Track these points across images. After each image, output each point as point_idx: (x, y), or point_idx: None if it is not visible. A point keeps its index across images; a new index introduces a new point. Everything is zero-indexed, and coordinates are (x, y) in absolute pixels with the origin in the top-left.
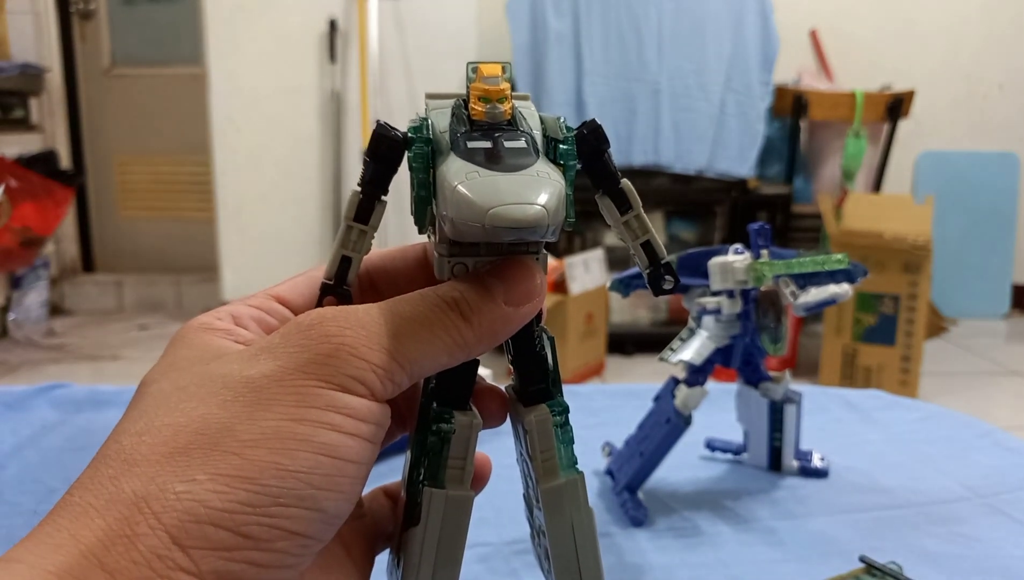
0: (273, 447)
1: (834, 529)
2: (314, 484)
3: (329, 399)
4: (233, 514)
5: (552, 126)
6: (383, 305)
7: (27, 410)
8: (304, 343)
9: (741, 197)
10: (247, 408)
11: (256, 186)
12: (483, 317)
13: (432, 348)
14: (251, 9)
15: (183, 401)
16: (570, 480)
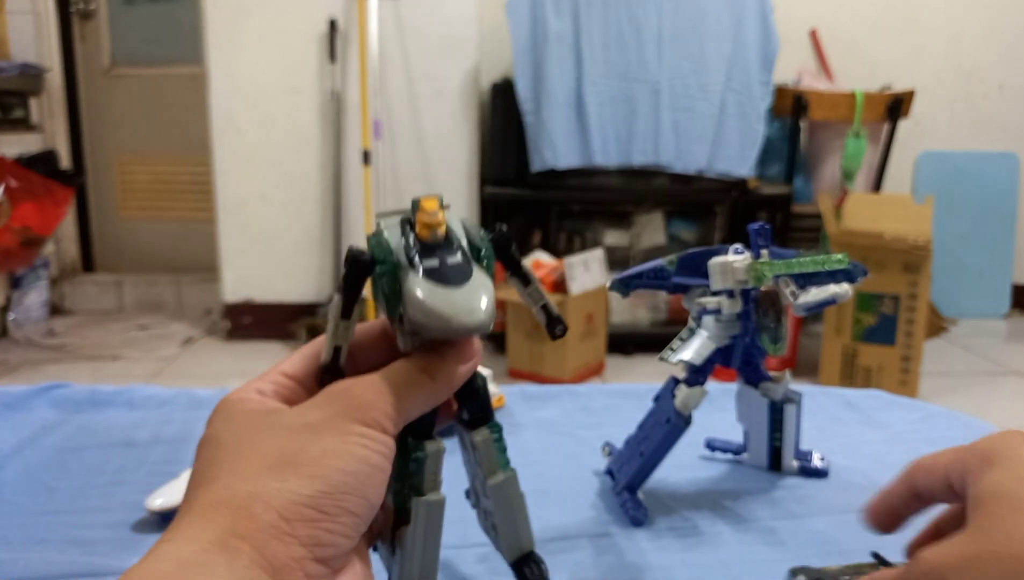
0: (334, 458)
1: (834, 529)
2: (361, 480)
3: (361, 430)
4: (315, 498)
5: (473, 233)
6: (382, 374)
7: (27, 410)
8: (340, 399)
9: (741, 197)
10: (312, 438)
11: (256, 186)
12: (444, 375)
13: (416, 401)
14: (251, 9)
15: (262, 439)
16: (508, 476)
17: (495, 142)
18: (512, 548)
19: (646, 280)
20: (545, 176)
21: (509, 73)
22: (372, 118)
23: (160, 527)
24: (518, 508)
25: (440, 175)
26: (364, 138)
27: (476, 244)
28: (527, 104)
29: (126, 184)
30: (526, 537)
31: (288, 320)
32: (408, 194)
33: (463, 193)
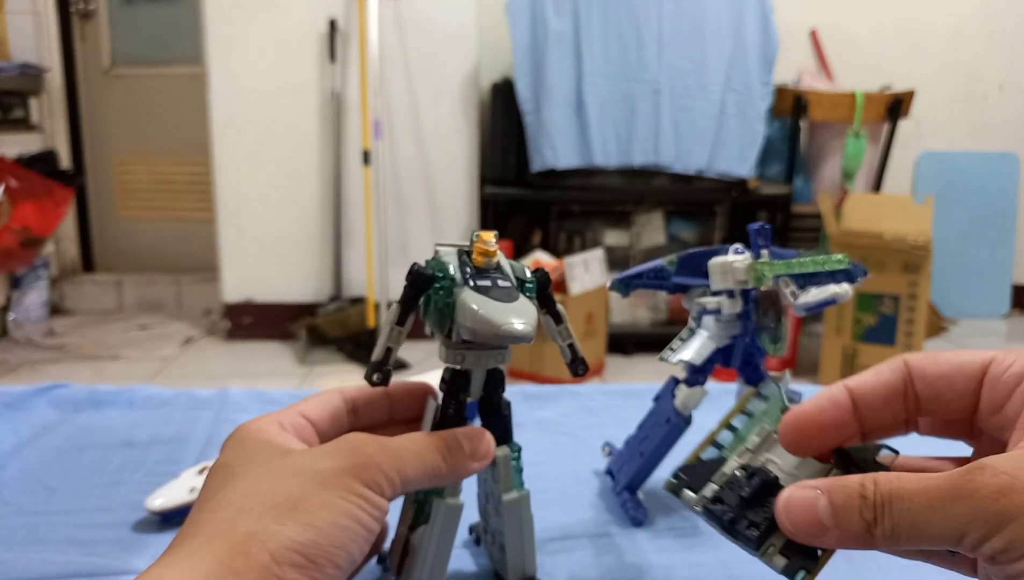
0: (331, 512)
1: None
2: (350, 538)
3: (362, 491)
4: (307, 547)
5: (518, 270)
6: (400, 442)
7: (27, 410)
8: (352, 454)
9: (741, 197)
10: (316, 487)
11: (256, 186)
12: (455, 462)
13: (421, 474)
14: (251, 9)
15: (275, 478)
16: (522, 495)
17: (495, 142)
18: (515, 570)
19: (646, 280)
20: (545, 176)
21: (509, 73)
22: (372, 118)
23: (160, 527)
24: (527, 530)
25: (440, 175)
26: (364, 138)
27: (521, 277)
28: (527, 104)
29: (126, 184)
30: (530, 561)
31: (288, 320)
32: (408, 194)
33: (463, 193)
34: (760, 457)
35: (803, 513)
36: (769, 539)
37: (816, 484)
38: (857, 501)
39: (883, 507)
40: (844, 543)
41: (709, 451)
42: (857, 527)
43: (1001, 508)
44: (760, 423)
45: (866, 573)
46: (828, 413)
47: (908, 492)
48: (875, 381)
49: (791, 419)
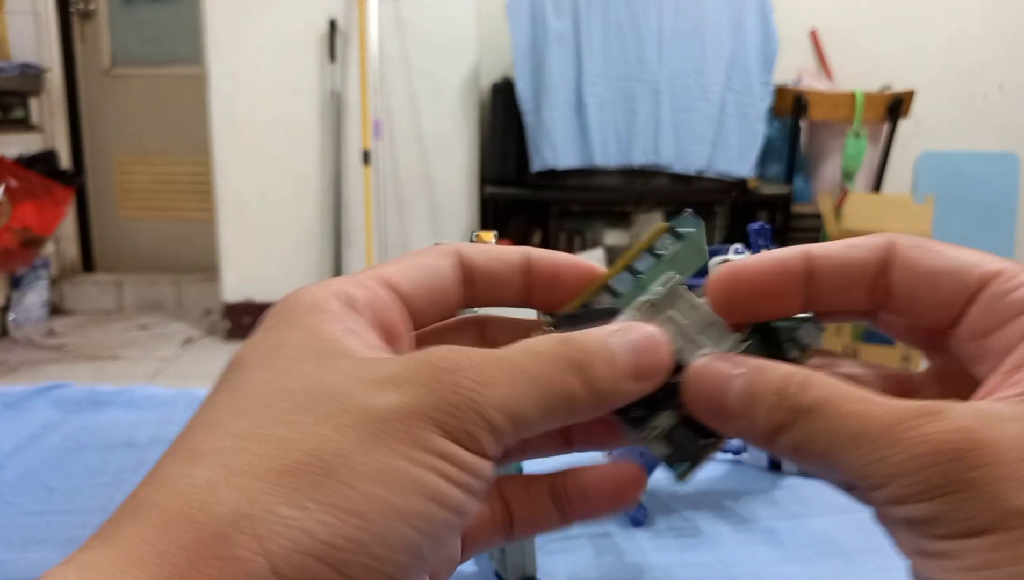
0: (387, 485)
1: (834, 529)
2: (420, 530)
3: (445, 448)
4: (339, 550)
5: None
6: (515, 358)
7: (27, 410)
8: (434, 387)
9: (741, 197)
10: (364, 438)
11: (256, 186)
12: (604, 387)
13: (547, 412)
14: (251, 9)
15: (294, 412)
16: None
17: (495, 142)
18: (515, 570)
19: None
20: (545, 176)
21: (509, 73)
22: (372, 118)
23: None
24: None
25: (440, 175)
26: (364, 138)
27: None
28: (527, 104)
29: (126, 184)
30: (531, 561)
31: None
32: (408, 194)
33: (463, 193)
34: (660, 315)
35: (712, 390)
36: (655, 418)
37: (737, 361)
38: (772, 398)
39: (802, 415)
40: (744, 436)
41: (601, 297)
42: (763, 426)
43: (944, 472)
44: (668, 269)
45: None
46: (771, 278)
47: (836, 412)
48: (845, 255)
49: (724, 275)
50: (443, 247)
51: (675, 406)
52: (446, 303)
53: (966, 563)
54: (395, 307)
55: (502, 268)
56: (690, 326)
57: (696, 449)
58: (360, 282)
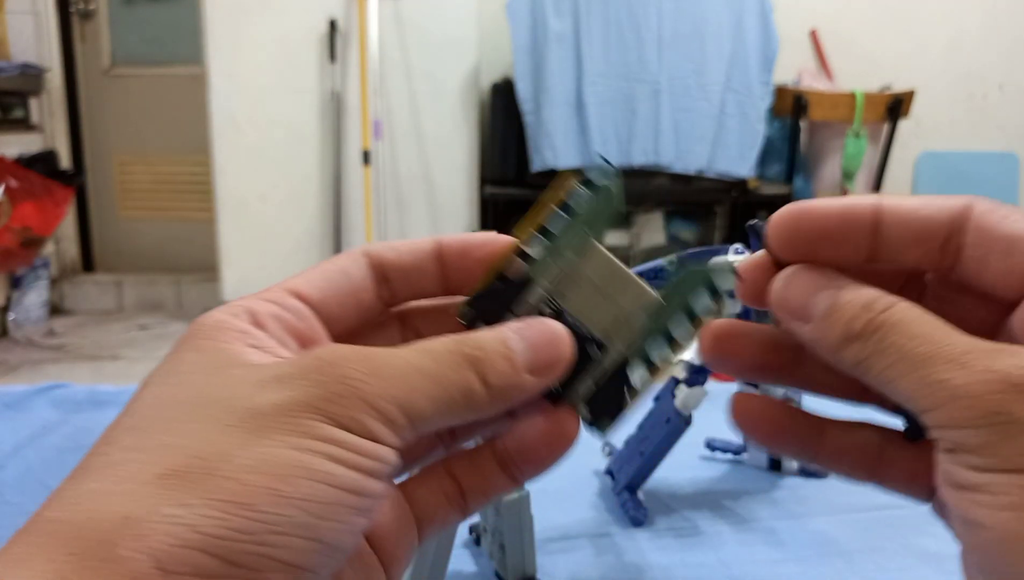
0: (270, 473)
1: (834, 529)
2: (312, 512)
3: (332, 434)
4: (225, 540)
5: None
6: (405, 354)
7: (27, 410)
8: (320, 379)
9: (741, 197)
10: (248, 436)
11: (256, 186)
12: (501, 382)
13: (443, 407)
14: (251, 9)
15: (181, 420)
16: (522, 495)
17: (495, 142)
18: (515, 570)
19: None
20: (545, 176)
21: (509, 73)
22: (372, 118)
23: None
24: (527, 529)
25: (440, 175)
26: (364, 138)
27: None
28: (527, 104)
29: (126, 184)
30: (530, 561)
31: None
32: (408, 194)
33: (463, 193)
34: (574, 280)
35: (800, 289)
36: (573, 392)
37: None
38: (855, 309)
39: (877, 329)
40: (815, 341)
41: (514, 264)
42: (839, 333)
43: (1002, 401)
44: (581, 228)
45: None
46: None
47: (912, 332)
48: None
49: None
50: (352, 250)
51: (592, 375)
52: (362, 305)
53: (1003, 500)
54: (305, 316)
55: (414, 260)
56: (607, 285)
57: (617, 407)
58: (265, 297)
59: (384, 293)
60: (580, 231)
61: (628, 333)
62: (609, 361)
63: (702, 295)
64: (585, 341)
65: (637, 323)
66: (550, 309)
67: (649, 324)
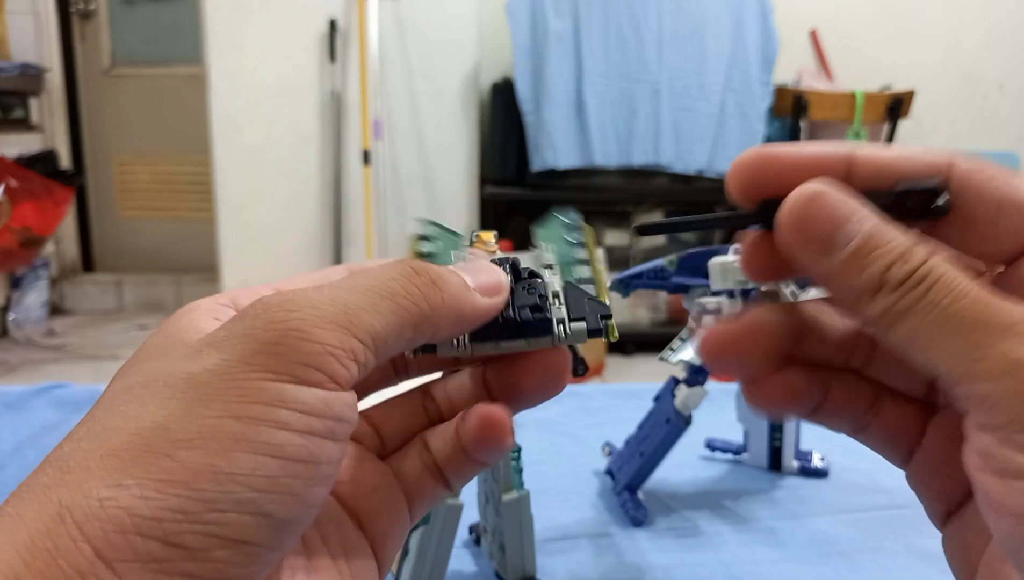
0: (209, 448)
1: (834, 529)
2: (255, 487)
3: (276, 393)
4: (163, 522)
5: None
6: (336, 282)
7: (27, 410)
8: (248, 333)
9: None
10: (185, 405)
11: (256, 186)
12: (452, 290)
13: (396, 318)
14: (251, 9)
15: (126, 402)
16: (522, 495)
17: (495, 142)
18: (515, 570)
19: (646, 280)
20: (545, 176)
21: (509, 73)
22: (372, 118)
23: None
24: (527, 529)
25: (440, 175)
26: (364, 138)
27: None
28: (527, 104)
29: (126, 184)
30: (530, 561)
31: None
32: (409, 194)
33: (463, 193)
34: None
35: (826, 216)
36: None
37: (862, 201)
38: (895, 255)
39: (922, 280)
40: (831, 285)
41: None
42: (867, 280)
43: None
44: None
45: (866, 573)
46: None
47: (956, 293)
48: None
49: (754, 156)
50: (339, 268)
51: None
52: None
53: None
54: None
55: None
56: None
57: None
58: (251, 290)
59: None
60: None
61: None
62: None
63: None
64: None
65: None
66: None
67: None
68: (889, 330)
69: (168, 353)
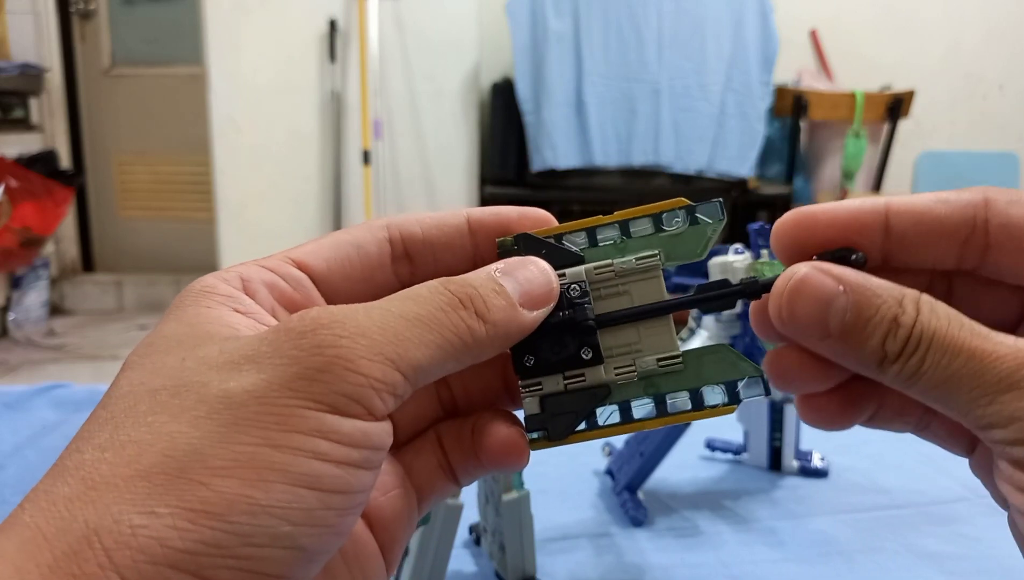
0: (246, 478)
1: (834, 529)
2: (292, 520)
3: (316, 423)
4: (196, 555)
5: None
6: (386, 304)
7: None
8: (294, 354)
9: (741, 197)
10: (221, 428)
11: (256, 186)
12: (498, 317)
13: (440, 353)
14: (251, 9)
15: (153, 412)
16: (522, 495)
17: (495, 142)
18: (515, 570)
19: None
20: (545, 176)
21: (509, 73)
22: (372, 118)
23: None
24: (527, 529)
25: (440, 175)
26: (364, 138)
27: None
28: (527, 104)
29: (126, 184)
30: (530, 561)
31: None
32: (409, 194)
33: (463, 193)
34: (616, 284)
35: (810, 303)
36: (540, 376)
37: (840, 275)
38: (887, 325)
39: (916, 348)
40: (846, 362)
41: (578, 237)
42: (869, 355)
43: None
44: (658, 247)
45: (866, 573)
46: (846, 231)
47: (954, 347)
48: (932, 211)
49: (794, 219)
50: (374, 221)
51: (567, 377)
52: (373, 281)
53: None
54: (303, 287)
55: (442, 234)
56: (634, 301)
57: (561, 428)
58: (263, 263)
59: (403, 271)
60: (654, 247)
61: (627, 368)
62: (592, 378)
63: (717, 392)
64: (585, 337)
65: (643, 366)
66: (579, 292)
67: (653, 377)
68: (912, 392)
69: (194, 351)
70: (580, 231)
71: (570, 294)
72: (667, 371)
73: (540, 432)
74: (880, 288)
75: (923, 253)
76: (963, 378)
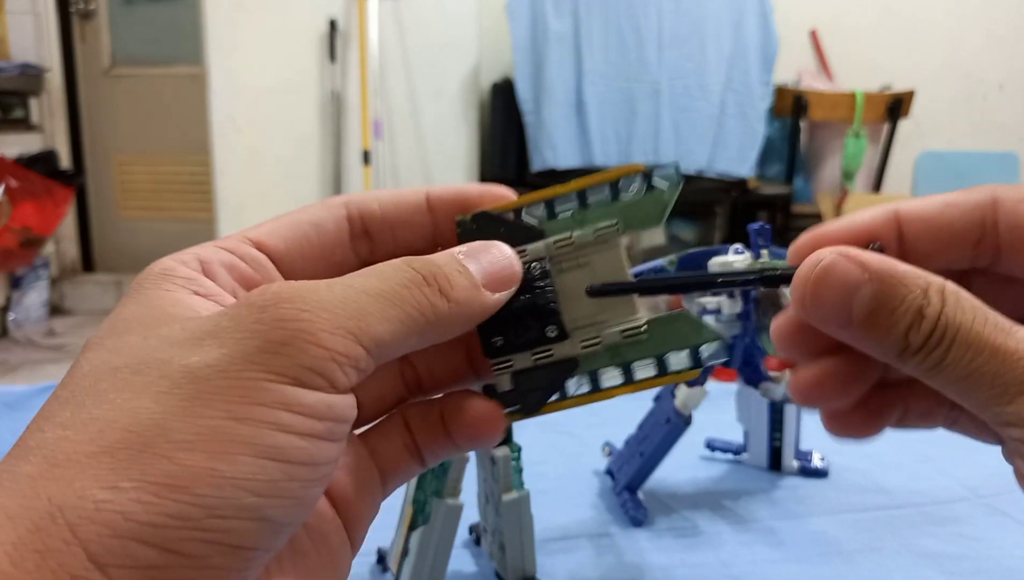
0: (210, 450)
1: (834, 529)
2: (257, 492)
3: (279, 395)
4: (161, 528)
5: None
6: (348, 280)
7: (27, 410)
8: (255, 328)
9: (741, 197)
10: (184, 402)
11: (256, 186)
12: (461, 295)
13: (403, 328)
14: (251, 9)
15: (115, 389)
16: (522, 495)
17: (495, 142)
18: (515, 570)
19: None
20: (545, 176)
21: (509, 73)
22: (372, 118)
23: None
24: (527, 529)
25: (440, 175)
26: (364, 138)
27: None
28: (527, 104)
29: (126, 184)
30: (530, 561)
31: None
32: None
33: None
34: (577, 257)
35: (835, 291)
36: (512, 354)
37: (866, 262)
38: (911, 317)
39: (939, 340)
40: (859, 344)
41: (537, 208)
42: (891, 345)
43: None
44: (617, 216)
45: (866, 573)
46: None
47: (977, 343)
48: (941, 216)
49: (808, 241)
50: (332, 199)
51: (535, 353)
52: (332, 260)
53: None
54: (262, 267)
55: (400, 212)
56: (594, 276)
57: (534, 402)
58: (220, 245)
59: (362, 248)
60: (612, 216)
61: (593, 340)
62: (559, 353)
63: (681, 355)
64: (548, 318)
65: (608, 338)
66: (539, 269)
67: (618, 347)
68: (925, 379)
69: (156, 330)
70: (539, 203)
71: (532, 273)
72: (631, 341)
73: (515, 406)
74: (906, 276)
75: (936, 257)
76: (984, 375)
